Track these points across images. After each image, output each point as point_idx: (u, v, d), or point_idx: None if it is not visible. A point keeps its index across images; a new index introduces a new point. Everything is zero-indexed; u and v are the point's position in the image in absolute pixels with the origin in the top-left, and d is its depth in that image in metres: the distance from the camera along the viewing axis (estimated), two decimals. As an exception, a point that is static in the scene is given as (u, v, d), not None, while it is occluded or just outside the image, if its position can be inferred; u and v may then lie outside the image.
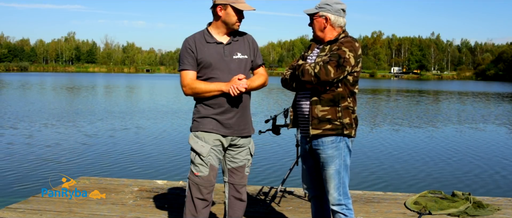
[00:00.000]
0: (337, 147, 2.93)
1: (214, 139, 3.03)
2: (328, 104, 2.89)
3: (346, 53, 2.83)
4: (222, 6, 2.99)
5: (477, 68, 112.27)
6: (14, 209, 4.24)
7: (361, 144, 10.96)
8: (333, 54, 2.84)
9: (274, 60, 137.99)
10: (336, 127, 2.90)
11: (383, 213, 4.31)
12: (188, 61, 3.03)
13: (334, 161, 2.93)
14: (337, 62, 2.79)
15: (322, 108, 2.90)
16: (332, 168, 2.95)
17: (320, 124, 2.91)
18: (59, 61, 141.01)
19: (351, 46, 2.87)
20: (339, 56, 2.81)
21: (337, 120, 2.90)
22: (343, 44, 2.88)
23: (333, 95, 2.88)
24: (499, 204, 4.56)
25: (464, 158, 9.62)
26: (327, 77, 2.78)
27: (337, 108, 2.89)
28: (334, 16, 2.97)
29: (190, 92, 3.03)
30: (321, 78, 2.78)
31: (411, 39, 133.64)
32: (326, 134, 2.91)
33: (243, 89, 2.93)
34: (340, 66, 2.80)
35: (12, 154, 9.20)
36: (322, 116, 2.90)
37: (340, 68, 2.80)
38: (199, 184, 3.03)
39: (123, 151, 9.73)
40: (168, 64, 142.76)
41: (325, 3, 2.99)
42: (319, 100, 2.90)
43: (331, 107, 2.89)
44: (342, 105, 2.90)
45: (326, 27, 2.99)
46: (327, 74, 2.78)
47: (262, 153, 9.22)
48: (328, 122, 2.90)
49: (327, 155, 2.93)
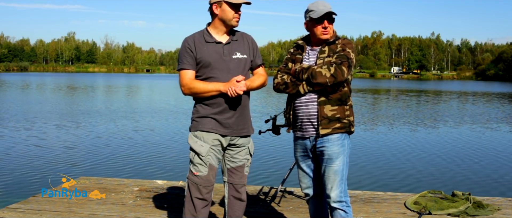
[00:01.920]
0: (342, 144, 2.99)
1: (213, 138, 3.03)
2: (336, 104, 2.98)
3: (350, 53, 2.96)
4: (217, 4, 3.01)
5: (477, 68, 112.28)
6: (14, 209, 4.24)
7: (362, 143, 10.96)
8: (341, 55, 2.94)
9: (274, 60, 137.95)
10: (344, 125, 3.00)
11: (383, 213, 4.30)
12: (187, 60, 3.03)
13: (339, 157, 2.99)
14: (348, 63, 2.92)
15: (332, 108, 2.97)
16: (337, 165, 2.99)
17: (330, 123, 2.97)
18: (59, 61, 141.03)
19: (352, 48, 3.00)
20: (347, 57, 2.93)
21: (345, 118, 3.00)
22: (346, 46, 2.99)
23: (340, 94, 2.98)
24: (499, 204, 4.56)
25: (464, 158, 9.62)
26: (343, 77, 2.89)
27: (345, 106, 3.00)
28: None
29: (188, 92, 3.04)
30: (338, 79, 2.88)
31: (411, 39, 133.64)
32: (334, 132, 2.98)
33: (241, 92, 2.93)
34: (350, 66, 2.95)
35: (12, 154, 9.20)
36: (332, 115, 2.97)
37: (350, 68, 2.95)
38: (198, 184, 3.03)
39: (123, 151, 9.73)
40: (168, 64, 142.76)
41: (325, 3, 3.03)
42: (327, 100, 2.97)
43: (340, 106, 2.99)
44: (348, 104, 3.03)
45: (332, 27, 3.07)
46: (343, 75, 2.89)
47: (262, 153, 9.22)
48: (338, 121, 2.98)
49: (333, 152, 2.98)
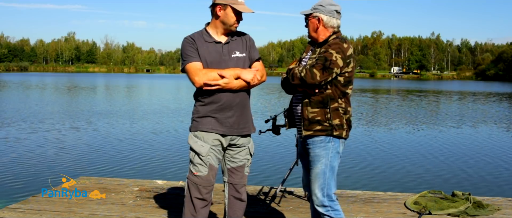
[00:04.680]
0: (325, 147, 2.97)
1: (213, 138, 3.03)
2: (317, 106, 2.96)
3: (332, 55, 2.87)
4: (222, 6, 2.99)
5: (477, 68, 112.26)
6: (14, 209, 4.24)
7: (362, 143, 10.96)
8: (320, 56, 2.90)
9: (274, 60, 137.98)
10: (325, 128, 2.96)
11: (383, 213, 4.30)
12: (193, 54, 3.00)
13: (320, 160, 2.98)
14: (323, 65, 2.85)
15: (312, 110, 2.97)
16: (318, 167, 2.99)
17: (310, 125, 2.97)
18: (59, 61, 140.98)
19: (338, 48, 2.90)
20: (326, 58, 2.86)
21: (326, 121, 2.95)
22: (330, 46, 2.92)
23: (322, 97, 2.94)
24: (499, 204, 4.56)
25: (464, 158, 9.62)
26: (313, 80, 2.84)
27: (326, 109, 2.95)
28: (326, 17, 3.00)
29: (205, 78, 2.93)
30: (307, 81, 2.85)
31: (411, 39, 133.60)
32: (316, 135, 2.97)
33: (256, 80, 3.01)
34: (327, 68, 2.85)
35: (12, 154, 9.20)
36: (312, 117, 2.97)
37: (326, 70, 2.85)
38: (198, 184, 3.03)
39: (123, 151, 9.73)
40: (168, 64, 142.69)
41: (319, 4, 3.03)
42: (309, 102, 2.97)
43: (321, 109, 2.96)
44: (331, 107, 2.95)
45: (319, 28, 3.03)
46: (313, 78, 2.84)
47: (262, 153, 9.22)
48: (318, 123, 2.96)
49: (315, 154, 2.99)
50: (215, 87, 2.94)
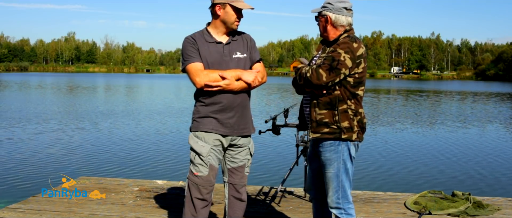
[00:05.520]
0: (335, 150, 2.88)
1: (214, 139, 3.03)
2: (325, 108, 2.85)
3: (341, 55, 2.75)
4: (221, 5, 2.98)
5: (477, 68, 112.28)
6: (14, 209, 4.24)
7: (361, 143, 10.94)
8: (327, 56, 2.79)
9: (274, 60, 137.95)
10: (333, 130, 2.85)
11: (383, 213, 4.30)
12: (194, 54, 2.99)
13: (332, 164, 2.90)
14: (330, 65, 2.73)
15: (320, 111, 2.87)
16: (330, 171, 2.92)
17: (318, 127, 2.88)
18: (59, 61, 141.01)
19: (347, 47, 2.77)
20: (333, 58, 2.74)
21: (334, 124, 2.84)
22: (339, 46, 2.80)
23: (330, 98, 2.83)
24: (499, 204, 4.56)
25: (464, 158, 9.62)
26: (318, 81, 2.74)
27: (334, 111, 2.83)
28: (335, 15, 2.87)
29: (206, 79, 2.92)
30: (313, 82, 2.75)
31: (411, 39, 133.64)
32: (324, 138, 2.88)
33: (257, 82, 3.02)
34: (334, 69, 2.73)
35: (12, 154, 9.20)
36: (320, 119, 2.87)
37: (333, 71, 2.73)
38: (198, 184, 3.03)
39: (123, 151, 9.73)
40: (168, 64, 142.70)
41: (327, 2, 2.92)
42: (317, 103, 2.87)
43: (328, 110, 2.85)
44: (340, 109, 2.83)
45: (327, 27, 2.92)
46: (318, 78, 2.73)
47: (262, 153, 9.22)
48: (326, 126, 2.86)
49: (326, 158, 2.91)
50: (216, 89, 2.94)
